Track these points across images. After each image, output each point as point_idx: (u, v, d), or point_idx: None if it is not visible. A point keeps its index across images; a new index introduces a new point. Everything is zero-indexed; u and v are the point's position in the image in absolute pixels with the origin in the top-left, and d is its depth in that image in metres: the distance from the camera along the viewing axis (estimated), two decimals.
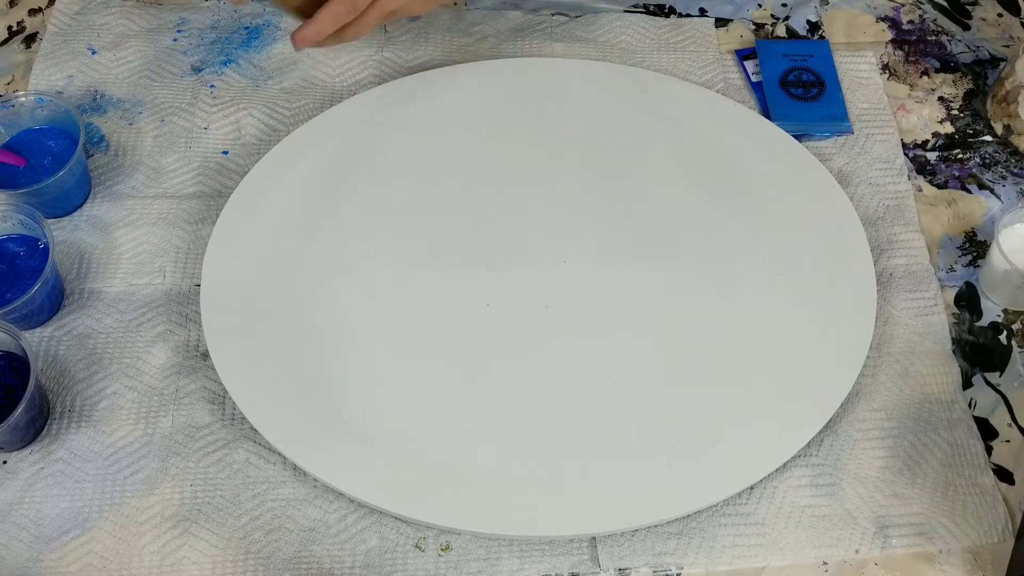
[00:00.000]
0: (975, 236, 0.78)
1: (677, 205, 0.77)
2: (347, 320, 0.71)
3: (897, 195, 0.80)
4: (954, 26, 0.91)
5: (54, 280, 0.71)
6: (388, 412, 0.67)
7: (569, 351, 0.70)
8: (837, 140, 0.83)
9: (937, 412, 0.70)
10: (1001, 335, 0.74)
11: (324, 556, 0.64)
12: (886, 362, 0.72)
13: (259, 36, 0.88)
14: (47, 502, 0.65)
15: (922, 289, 0.75)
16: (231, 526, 0.65)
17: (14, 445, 0.67)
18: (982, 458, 0.68)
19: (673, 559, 0.64)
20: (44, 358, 0.71)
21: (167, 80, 0.85)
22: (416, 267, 0.74)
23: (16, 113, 0.77)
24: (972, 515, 0.66)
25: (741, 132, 0.81)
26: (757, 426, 0.67)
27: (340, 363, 0.69)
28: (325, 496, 0.66)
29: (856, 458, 0.68)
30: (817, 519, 0.65)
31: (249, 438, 0.68)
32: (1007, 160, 0.82)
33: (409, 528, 0.65)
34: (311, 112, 0.83)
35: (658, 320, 0.72)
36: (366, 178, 0.78)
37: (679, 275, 0.73)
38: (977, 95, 0.86)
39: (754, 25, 0.90)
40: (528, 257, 0.74)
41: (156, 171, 0.80)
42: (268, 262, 0.73)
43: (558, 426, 0.67)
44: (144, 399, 0.69)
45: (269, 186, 0.77)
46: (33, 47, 0.87)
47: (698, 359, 0.70)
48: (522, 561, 0.64)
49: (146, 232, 0.76)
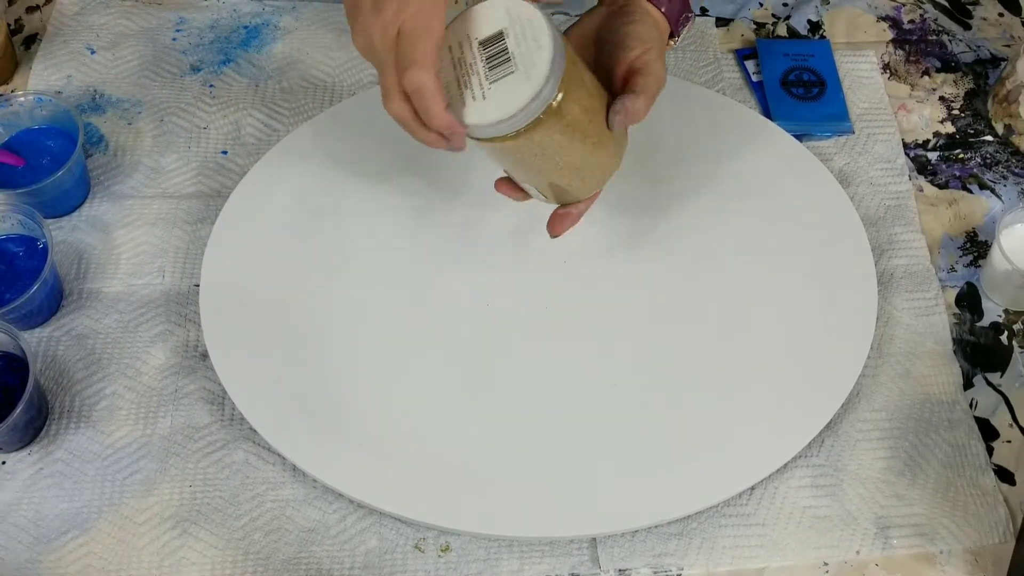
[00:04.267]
0: (976, 236, 0.78)
1: (677, 205, 0.76)
2: (346, 320, 0.71)
3: (898, 195, 0.80)
4: (955, 26, 0.90)
5: (53, 280, 0.71)
6: (388, 412, 0.67)
7: (569, 351, 0.70)
8: (838, 140, 0.83)
9: (938, 413, 0.70)
10: (1002, 335, 0.74)
11: (323, 557, 0.64)
12: (887, 362, 0.71)
13: (258, 35, 0.87)
14: (46, 503, 0.65)
15: (923, 289, 0.75)
16: (230, 527, 0.65)
17: (13, 446, 0.67)
18: (983, 459, 0.68)
19: (673, 560, 0.64)
20: (43, 358, 0.71)
21: (166, 80, 0.85)
22: (416, 267, 0.73)
23: (15, 113, 0.77)
24: (973, 516, 0.66)
25: (741, 132, 0.80)
26: (758, 426, 0.67)
27: (340, 363, 0.69)
28: (324, 497, 0.66)
29: (857, 459, 0.68)
30: (818, 520, 0.65)
31: (248, 438, 0.68)
32: (1008, 160, 0.82)
33: (409, 529, 0.65)
34: (311, 112, 0.83)
35: (658, 320, 0.71)
36: (365, 178, 0.77)
37: (679, 275, 0.73)
38: (978, 95, 0.86)
39: (755, 24, 0.90)
40: (528, 257, 0.74)
41: (155, 171, 0.80)
42: (267, 262, 0.73)
43: (558, 426, 0.67)
44: (143, 399, 0.69)
45: (268, 186, 0.76)
46: (32, 47, 0.87)
47: (698, 359, 0.70)
48: (522, 562, 0.64)
49: (145, 232, 0.76)
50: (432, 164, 0.78)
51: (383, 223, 0.75)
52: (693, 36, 0.88)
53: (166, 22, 0.88)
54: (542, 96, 0.53)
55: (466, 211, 0.76)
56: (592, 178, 0.63)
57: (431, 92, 0.54)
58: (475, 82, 0.55)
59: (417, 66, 0.53)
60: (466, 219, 0.76)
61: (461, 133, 0.55)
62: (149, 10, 0.89)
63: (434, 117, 0.54)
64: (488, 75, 0.55)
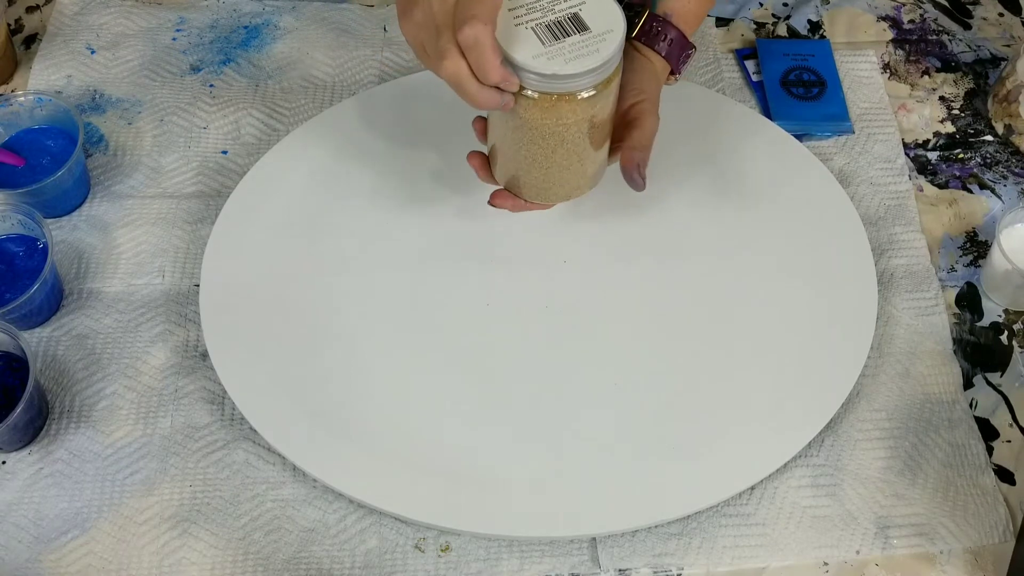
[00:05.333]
0: (976, 236, 0.78)
1: (677, 205, 0.76)
2: (347, 320, 0.71)
3: (898, 195, 0.80)
4: (955, 25, 0.90)
5: (53, 280, 0.71)
6: (388, 412, 0.67)
7: (569, 351, 0.70)
8: (838, 140, 0.83)
9: (938, 412, 0.70)
10: (1002, 335, 0.74)
11: (323, 557, 0.64)
12: (887, 362, 0.71)
13: (258, 35, 0.87)
14: (46, 503, 0.65)
15: (923, 289, 0.75)
16: (230, 527, 0.65)
17: (13, 445, 0.67)
18: (983, 458, 0.68)
19: (673, 560, 0.64)
20: (43, 358, 0.71)
21: (166, 80, 0.85)
22: (416, 266, 0.73)
23: (15, 113, 0.77)
24: (973, 516, 0.66)
25: (741, 132, 0.80)
26: (758, 426, 0.67)
27: (340, 363, 0.69)
28: (324, 497, 0.66)
29: (857, 458, 0.68)
30: (818, 520, 0.65)
31: (248, 438, 0.68)
32: (1008, 160, 0.82)
33: (409, 529, 0.65)
34: (311, 112, 0.83)
35: (658, 320, 0.71)
36: (366, 178, 0.77)
37: (679, 275, 0.73)
38: (978, 95, 0.86)
39: (755, 24, 0.90)
40: (528, 257, 0.74)
41: (155, 171, 0.80)
42: (267, 262, 0.73)
43: (558, 426, 0.67)
44: (143, 399, 0.69)
45: (268, 186, 0.76)
46: (32, 47, 0.87)
47: (698, 359, 0.70)
48: (522, 561, 0.64)
49: (145, 232, 0.76)
50: (433, 164, 0.78)
51: (383, 223, 0.75)
52: (693, 36, 0.88)
53: (166, 22, 0.88)
54: (606, 66, 0.56)
55: (466, 211, 0.76)
56: (567, 184, 0.65)
57: (488, 47, 0.54)
58: (535, 39, 0.56)
59: (476, 20, 0.54)
60: (466, 219, 0.76)
61: (515, 85, 0.56)
62: (149, 10, 0.89)
63: (490, 70, 0.55)
64: (555, 36, 0.57)
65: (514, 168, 0.64)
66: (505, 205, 0.67)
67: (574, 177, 0.64)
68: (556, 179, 0.64)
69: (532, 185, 0.65)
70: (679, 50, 0.67)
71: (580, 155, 0.62)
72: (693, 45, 0.68)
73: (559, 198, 0.67)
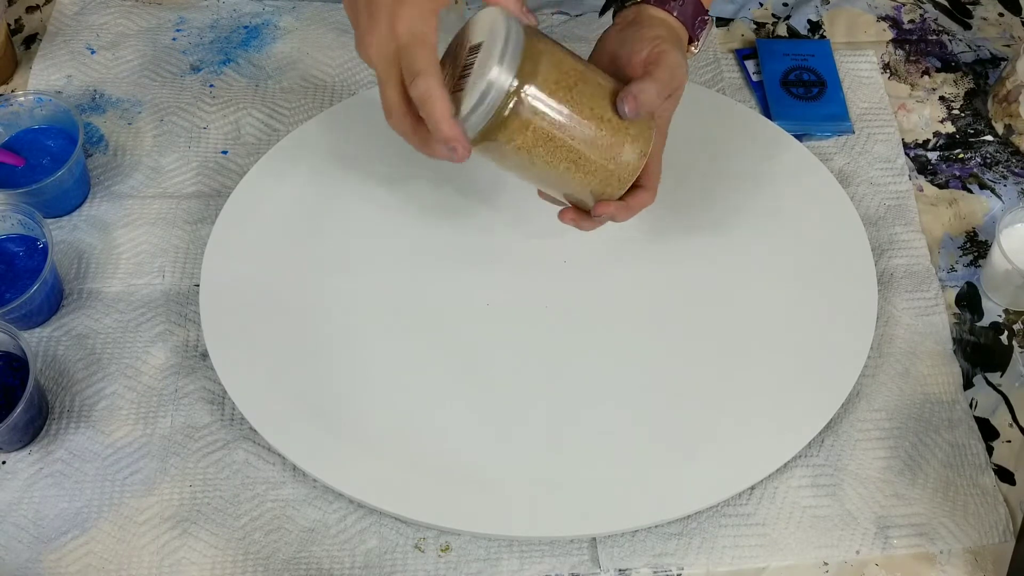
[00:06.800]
0: (976, 236, 0.78)
1: (677, 204, 0.76)
2: (347, 320, 0.71)
3: (898, 195, 0.80)
4: (955, 25, 0.90)
5: (53, 280, 0.71)
6: (388, 412, 0.67)
7: (569, 351, 0.70)
8: (838, 140, 0.83)
9: (938, 412, 0.70)
10: (1002, 335, 0.74)
11: (323, 557, 0.64)
12: (887, 362, 0.71)
13: (258, 35, 0.87)
14: (46, 502, 0.65)
15: (923, 289, 0.75)
16: (230, 527, 0.65)
17: (13, 445, 0.67)
18: (983, 458, 0.68)
19: (673, 559, 0.64)
20: (43, 358, 0.71)
21: (166, 79, 0.85)
22: (416, 267, 0.73)
23: (15, 113, 0.77)
24: (973, 516, 0.66)
25: (741, 132, 0.80)
26: (758, 426, 0.67)
27: (340, 363, 0.69)
28: (324, 497, 0.66)
29: (857, 458, 0.68)
30: (818, 519, 0.65)
31: (248, 438, 0.68)
32: (1008, 160, 0.82)
33: (409, 529, 0.65)
34: (311, 112, 0.83)
35: (658, 320, 0.71)
36: (366, 178, 0.77)
37: (679, 275, 0.73)
38: (978, 95, 0.86)
39: (755, 24, 0.90)
40: (528, 257, 0.74)
41: (155, 171, 0.80)
42: (267, 262, 0.73)
43: (558, 426, 0.67)
44: (143, 399, 0.69)
45: (268, 186, 0.76)
46: (32, 47, 0.87)
47: (698, 359, 0.70)
48: (522, 561, 0.64)
49: (145, 232, 0.76)
50: (433, 164, 0.78)
51: (383, 223, 0.75)
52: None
53: (166, 22, 0.88)
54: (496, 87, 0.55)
55: (466, 211, 0.76)
56: (603, 170, 0.62)
57: (437, 99, 0.55)
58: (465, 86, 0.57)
59: (423, 75, 0.55)
60: (466, 219, 0.76)
61: (463, 141, 0.57)
62: (149, 10, 0.89)
63: (441, 125, 0.55)
64: (468, 79, 0.57)
65: (557, 192, 0.65)
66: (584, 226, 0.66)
67: (600, 158, 0.61)
68: (589, 171, 0.61)
69: (579, 192, 0.63)
70: (692, 12, 0.66)
71: (577, 140, 0.60)
72: (708, 12, 0.67)
73: (616, 183, 0.63)
